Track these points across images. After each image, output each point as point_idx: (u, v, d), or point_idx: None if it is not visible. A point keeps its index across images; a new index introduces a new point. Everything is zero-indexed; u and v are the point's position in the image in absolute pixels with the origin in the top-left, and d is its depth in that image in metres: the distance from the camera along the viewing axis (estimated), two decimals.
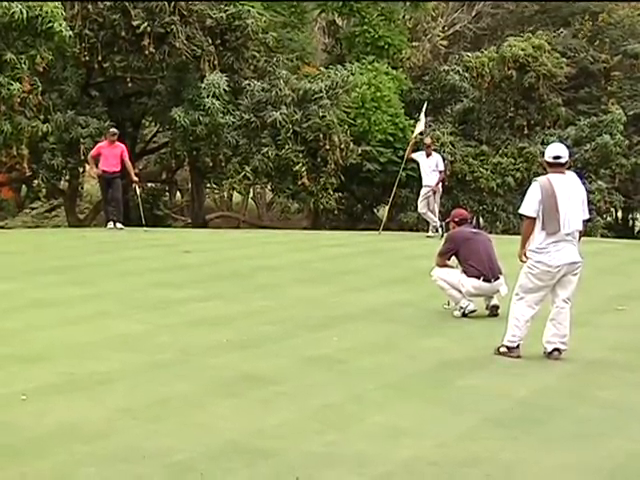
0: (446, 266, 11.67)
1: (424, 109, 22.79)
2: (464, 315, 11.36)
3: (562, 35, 37.91)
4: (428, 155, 21.18)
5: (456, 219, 11.98)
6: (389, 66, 31.04)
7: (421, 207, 21.32)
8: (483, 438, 6.57)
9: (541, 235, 9.01)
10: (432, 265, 11.86)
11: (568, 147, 9.44)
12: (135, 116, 30.39)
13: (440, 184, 21.33)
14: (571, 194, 9.02)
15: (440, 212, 21.86)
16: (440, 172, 21.15)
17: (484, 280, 11.31)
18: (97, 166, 21.38)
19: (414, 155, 21.74)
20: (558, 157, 9.08)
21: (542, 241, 9.00)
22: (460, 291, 11.41)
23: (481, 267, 11.34)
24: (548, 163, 9.20)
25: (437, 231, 20.80)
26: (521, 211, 9.20)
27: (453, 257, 11.71)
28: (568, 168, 9.33)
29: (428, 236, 21.08)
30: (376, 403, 7.42)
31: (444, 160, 22.63)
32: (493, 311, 11.51)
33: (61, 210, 33.97)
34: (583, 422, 7.05)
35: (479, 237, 11.83)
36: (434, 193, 21.15)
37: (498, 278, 11.41)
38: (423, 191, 21.20)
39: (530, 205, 9.02)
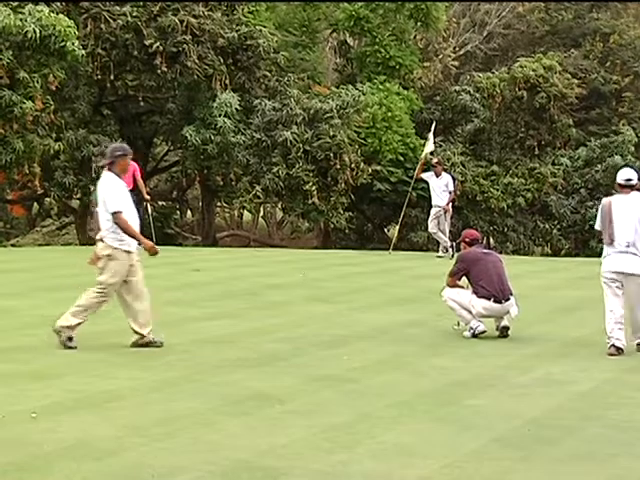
0: (457, 286, 11.65)
1: (432, 129, 22.83)
2: (474, 336, 11.33)
3: (573, 56, 37.96)
4: (438, 175, 21.20)
5: (467, 239, 11.97)
6: (400, 86, 31.10)
7: (431, 227, 21.32)
8: (492, 458, 6.54)
9: (605, 246, 10.61)
10: (442, 285, 11.85)
11: (579, 168, 9.97)
12: (147, 135, 30.52)
13: (450, 204, 21.33)
14: (629, 211, 10.40)
15: (451, 232, 21.87)
16: (450, 192, 21.16)
17: (495, 301, 11.29)
18: None
19: (424, 175, 21.75)
20: (629, 179, 10.53)
21: (605, 250, 10.62)
22: (470, 312, 11.40)
23: (492, 288, 11.32)
24: (619, 184, 10.58)
25: (447, 251, 20.80)
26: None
27: (464, 277, 11.70)
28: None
29: (438, 256, 21.08)
30: (385, 422, 7.40)
31: (454, 180, 22.65)
32: (503, 332, 11.48)
33: (72, 228, 34.08)
34: (593, 442, 7.02)
35: (490, 257, 11.81)
36: (445, 213, 21.15)
37: (509, 299, 11.39)
38: (433, 211, 21.22)
39: (597, 220, 10.80)
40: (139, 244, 10.27)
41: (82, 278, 15.58)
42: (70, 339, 9.97)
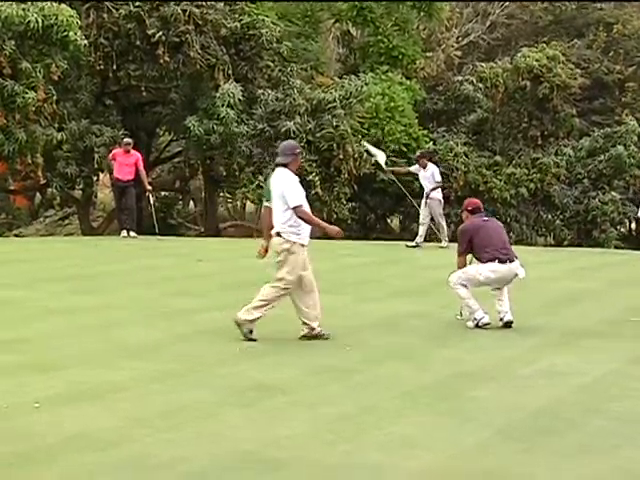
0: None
1: (368, 147, 23.44)
2: (477, 326, 11.30)
3: (576, 46, 37.95)
4: (424, 167, 21.25)
5: (469, 208, 11.90)
6: (403, 76, 31.05)
7: (423, 216, 21.30)
8: (496, 450, 6.54)
9: None
10: (446, 276, 11.81)
11: (582, 158, 9.84)
12: (149, 125, 30.46)
13: (438, 191, 21.24)
14: None
15: (453, 223, 21.83)
16: (437, 182, 21.15)
17: (499, 262, 11.27)
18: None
19: (412, 168, 21.82)
20: None
21: None
22: (477, 301, 11.32)
23: (495, 250, 11.30)
24: None
25: (415, 246, 20.88)
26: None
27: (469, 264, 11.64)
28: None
29: (441, 246, 21.06)
30: (389, 414, 7.40)
31: (439, 167, 22.70)
32: (507, 326, 11.41)
33: (74, 218, 34.08)
34: (596, 435, 7.01)
35: (490, 224, 11.80)
36: (439, 202, 21.13)
37: (513, 260, 11.39)
38: (424, 201, 21.24)
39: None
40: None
41: (85, 269, 15.62)
42: (251, 332, 10.17)
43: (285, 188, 10.20)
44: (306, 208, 10.27)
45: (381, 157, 22.74)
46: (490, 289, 11.53)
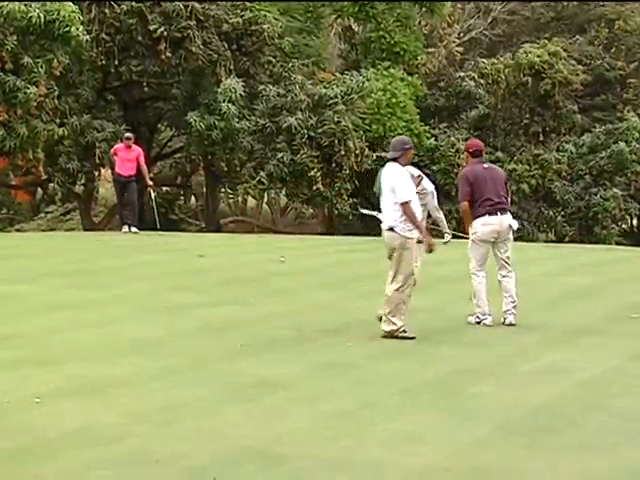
0: (470, 214, 11.57)
1: (365, 212, 23.86)
2: (478, 324, 11.28)
3: (578, 42, 37.94)
4: None
5: (470, 150, 11.75)
6: (404, 72, 31.06)
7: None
8: (496, 447, 6.54)
9: None
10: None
11: (583, 154, 9.76)
12: (151, 120, 30.49)
13: (427, 183, 21.31)
14: None
15: (455, 219, 21.82)
16: (417, 177, 21.18)
17: (489, 215, 11.22)
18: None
19: None
20: None
21: None
22: (488, 300, 11.24)
23: (488, 206, 11.29)
24: None
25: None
26: None
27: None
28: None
29: (444, 242, 21.07)
30: (390, 409, 7.40)
31: (417, 167, 22.88)
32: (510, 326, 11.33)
33: (76, 214, 34.11)
34: (597, 431, 7.01)
35: (489, 172, 11.61)
36: (432, 195, 21.21)
37: (505, 212, 11.34)
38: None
39: None
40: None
41: (86, 265, 15.62)
42: (405, 331, 10.31)
43: (395, 183, 10.38)
44: (415, 204, 10.44)
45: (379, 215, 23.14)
46: (498, 278, 11.45)
